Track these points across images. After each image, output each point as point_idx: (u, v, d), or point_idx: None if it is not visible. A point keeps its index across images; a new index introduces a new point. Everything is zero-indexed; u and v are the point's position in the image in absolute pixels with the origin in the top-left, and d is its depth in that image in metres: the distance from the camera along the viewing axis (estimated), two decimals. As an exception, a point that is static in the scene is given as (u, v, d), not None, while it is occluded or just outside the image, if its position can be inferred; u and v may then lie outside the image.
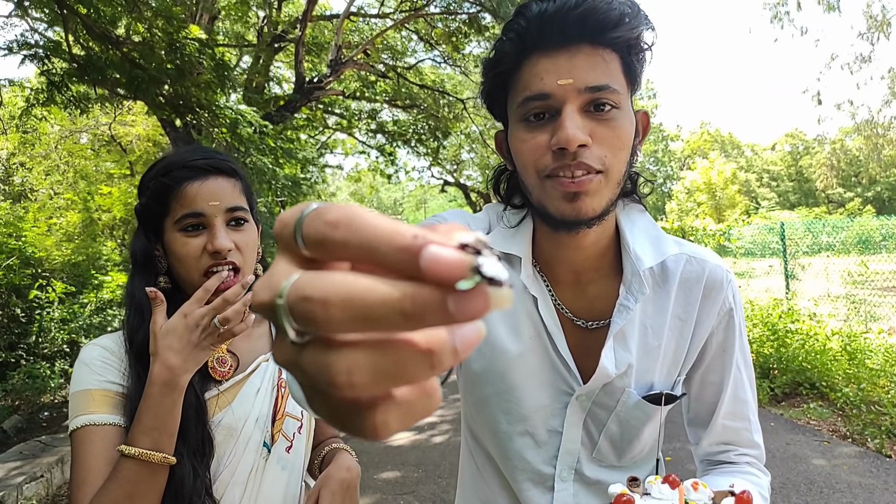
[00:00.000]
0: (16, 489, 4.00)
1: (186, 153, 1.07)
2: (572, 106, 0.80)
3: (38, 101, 7.95)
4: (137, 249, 1.08)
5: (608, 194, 0.84)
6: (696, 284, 0.95)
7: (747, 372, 1.00)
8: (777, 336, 6.61)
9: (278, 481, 1.11)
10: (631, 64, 0.84)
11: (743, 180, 44.33)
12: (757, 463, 1.03)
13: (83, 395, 0.99)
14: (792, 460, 4.51)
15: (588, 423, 0.97)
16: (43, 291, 7.45)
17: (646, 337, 0.94)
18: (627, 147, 0.84)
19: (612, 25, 0.79)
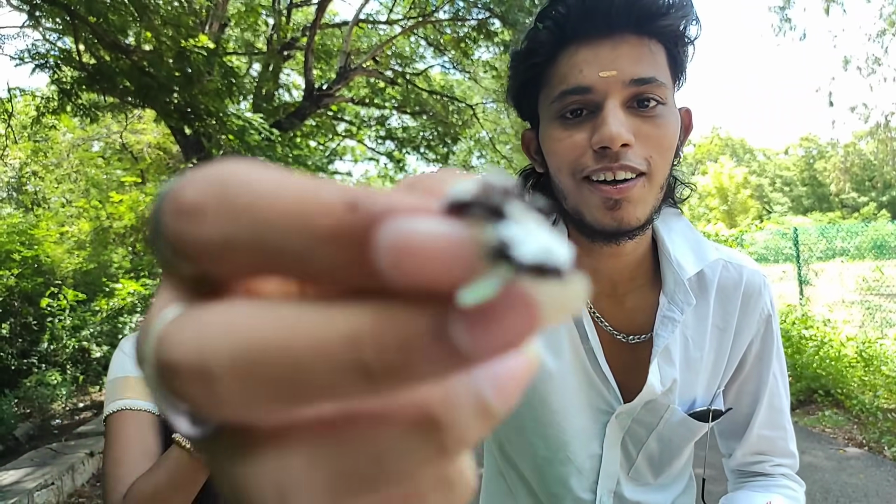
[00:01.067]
0: (27, 496, 4.00)
1: None
2: (615, 101, 0.73)
3: (48, 109, 8.03)
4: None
5: (652, 201, 0.77)
6: (734, 291, 0.90)
7: (783, 380, 0.96)
8: (791, 342, 6.53)
9: None
10: (677, 56, 0.79)
11: (755, 185, 44.03)
12: (792, 474, 0.99)
13: (121, 382, 1.05)
14: (807, 469, 4.43)
15: (626, 441, 0.92)
16: (54, 299, 7.49)
17: (688, 350, 0.88)
18: (672, 147, 0.77)
19: (660, 14, 0.74)
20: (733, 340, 0.90)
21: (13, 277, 7.53)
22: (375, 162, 19.88)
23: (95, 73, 6.58)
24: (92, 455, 4.88)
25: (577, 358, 0.89)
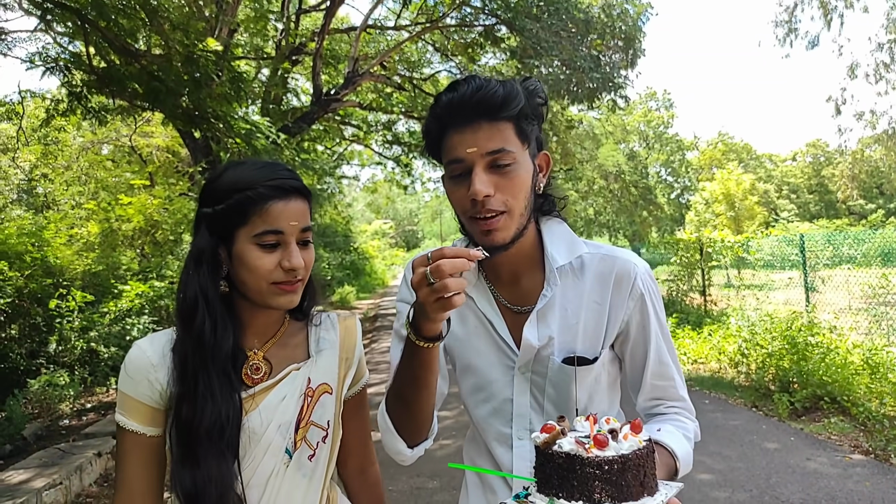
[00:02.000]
0: (35, 495, 4.04)
1: (268, 170, 1.14)
2: (479, 167, 1.08)
3: (58, 111, 8.10)
4: (206, 250, 1.13)
5: (514, 226, 1.13)
6: (608, 277, 1.21)
7: (667, 343, 1.25)
8: (797, 349, 6.51)
9: (298, 487, 1.17)
10: (522, 127, 1.12)
11: (762, 191, 43.86)
12: (684, 412, 1.27)
13: (121, 396, 1.13)
14: (812, 476, 4.43)
15: (534, 390, 1.23)
16: (63, 300, 7.54)
17: (565, 316, 1.21)
18: (525, 189, 1.12)
19: (498, 106, 1.08)
20: (609, 312, 1.21)
21: (22, 279, 7.58)
22: (382, 166, 19.90)
23: (105, 76, 6.65)
24: (100, 455, 4.92)
25: (482, 326, 1.26)
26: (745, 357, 7.36)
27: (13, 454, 5.54)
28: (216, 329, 1.10)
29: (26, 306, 7.69)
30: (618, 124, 42.93)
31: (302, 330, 1.28)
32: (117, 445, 1.13)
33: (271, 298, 1.12)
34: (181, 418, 1.07)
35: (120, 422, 1.11)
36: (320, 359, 1.25)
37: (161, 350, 1.13)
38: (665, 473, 1.11)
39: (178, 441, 1.07)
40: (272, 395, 1.16)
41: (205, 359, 1.08)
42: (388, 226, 56.20)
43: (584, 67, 11.74)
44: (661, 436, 1.16)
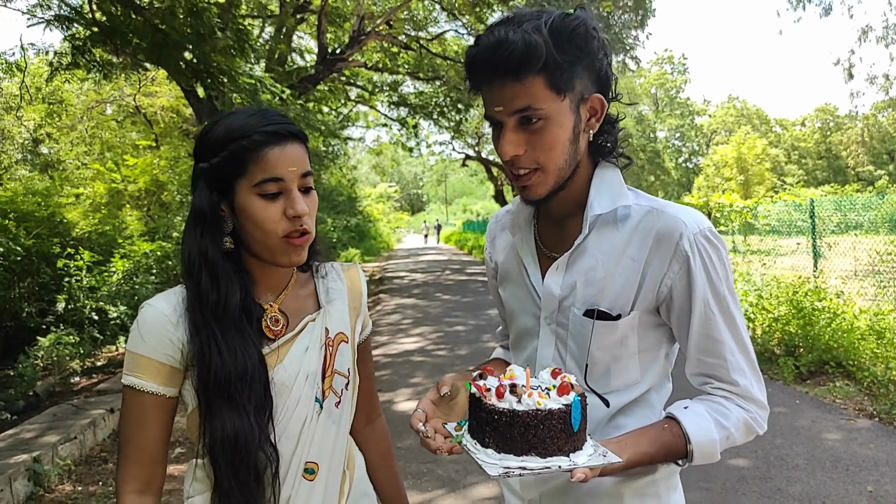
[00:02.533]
0: (51, 449, 4.11)
1: (260, 117, 1.09)
2: (507, 126, 1.05)
3: (61, 65, 8.00)
4: (206, 207, 1.09)
5: (551, 181, 1.08)
6: (649, 232, 1.11)
7: (724, 317, 1.11)
8: (803, 314, 6.52)
9: (329, 434, 1.18)
10: (555, 78, 1.02)
11: (772, 156, 43.46)
12: (735, 398, 1.12)
13: (132, 357, 1.08)
14: (817, 438, 4.47)
15: (558, 343, 1.18)
16: (71, 260, 7.57)
17: (595, 268, 1.13)
18: (560, 144, 1.05)
19: (516, 66, 1.00)
20: (644, 270, 1.10)
21: (30, 238, 7.60)
22: (388, 128, 19.73)
23: (108, 29, 6.55)
24: (112, 411, 4.99)
25: (520, 272, 1.24)
26: (751, 321, 7.37)
27: (26, 410, 5.63)
28: (219, 286, 1.07)
29: (35, 265, 7.73)
30: (628, 87, 42.35)
31: (309, 281, 1.26)
32: (126, 411, 1.08)
33: (280, 255, 1.10)
34: (201, 375, 1.06)
35: (134, 384, 1.06)
36: (332, 308, 1.24)
37: (176, 307, 1.10)
38: (661, 452, 1.06)
39: (203, 399, 1.06)
40: (295, 347, 1.16)
41: (211, 315, 1.06)
42: (394, 189, 56.05)
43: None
44: (682, 413, 1.09)
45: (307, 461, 1.15)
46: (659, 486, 1.16)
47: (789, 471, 3.95)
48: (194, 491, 1.12)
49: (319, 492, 1.16)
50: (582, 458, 0.93)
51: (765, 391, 1.14)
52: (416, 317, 10.48)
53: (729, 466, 4.05)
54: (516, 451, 0.91)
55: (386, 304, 12.51)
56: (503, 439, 0.92)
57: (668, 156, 48.92)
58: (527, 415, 0.91)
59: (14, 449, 4.05)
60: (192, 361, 1.07)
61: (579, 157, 1.11)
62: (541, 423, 0.91)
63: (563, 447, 0.93)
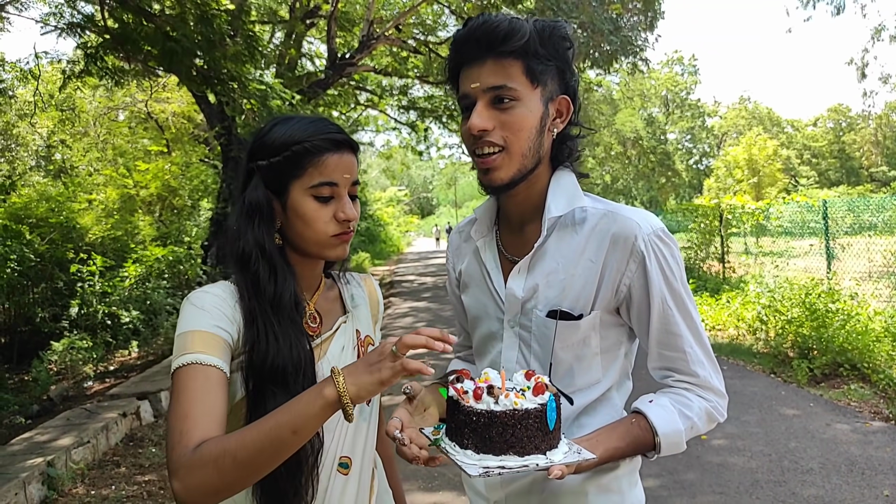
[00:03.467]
0: (64, 453, 4.14)
1: (320, 124, 1.15)
2: (481, 102, 1.10)
3: (74, 73, 8.09)
4: (261, 202, 1.13)
5: (514, 166, 1.11)
6: (605, 235, 1.14)
7: (681, 312, 1.15)
8: (817, 316, 6.46)
9: (361, 431, 1.22)
10: (532, 67, 1.09)
11: (784, 157, 43.12)
12: (696, 388, 1.17)
13: (191, 336, 1.04)
14: (832, 441, 4.42)
15: (521, 345, 1.20)
16: (84, 265, 7.63)
17: (555, 270, 1.16)
18: (528, 128, 1.10)
19: (500, 40, 1.07)
20: (603, 271, 1.14)
21: (44, 243, 7.67)
22: (397, 132, 19.74)
23: (119, 37, 6.60)
24: (125, 416, 5.02)
25: (482, 279, 1.27)
26: (764, 324, 7.32)
27: (40, 414, 5.68)
28: (276, 277, 1.11)
29: (48, 270, 7.80)
30: (637, 89, 42.21)
31: (334, 286, 1.32)
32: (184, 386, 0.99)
33: (328, 250, 1.15)
34: (253, 363, 1.07)
35: (199, 360, 1.01)
36: (358, 313, 1.30)
37: (230, 294, 1.12)
38: (632, 446, 1.10)
39: (255, 385, 1.07)
40: (333, 345, 1.21)
41: (265, 305, 1.10)
42: (403, 193, 56.13)
43: (603, 30, 11.49)
44: (648, 407, 1.13)
45: (341, 455, 1.18)
46: (621, 482, 1.20)
47: (803, 474, 3.91)
48: None
49: (353, 487, 1.20)
50: (558, 455, 0.96)
51: (722, 381, 1.20)
52: (428, 320, 10.49)
53: (742, 470, 4.02)
54: (495, 451, 0.94)
55: (397, 307, 12.52)
56: (482, 440, 0.94)
57: (679, 157, 48.69)
58: (504, 415, 0.94)
59: (28, 452, 4.08)
60: (244, 348, 1.08)
61: (542, 152, 1.15)
62: (518, 423, 0.94)
63: (539, 446, 0.95)
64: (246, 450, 0.91)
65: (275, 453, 0.92)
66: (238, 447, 0.91)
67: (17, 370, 7.18)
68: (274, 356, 1.07)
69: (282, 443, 0.92)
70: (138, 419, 5.27)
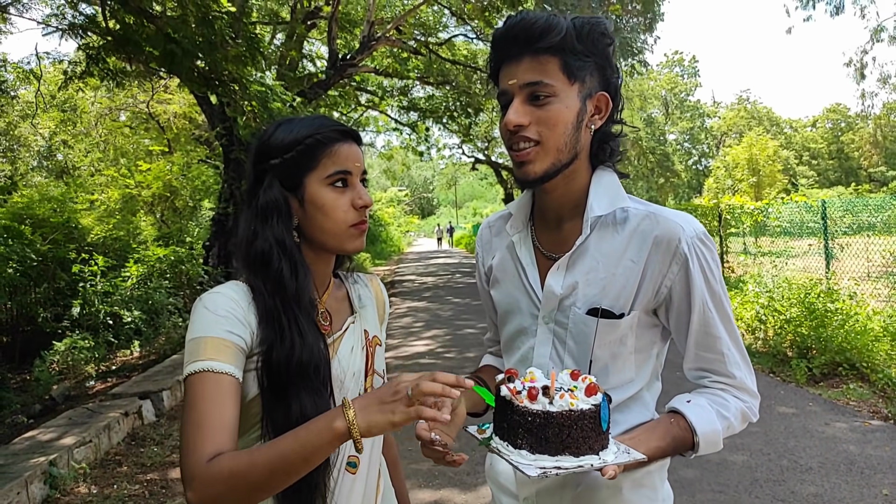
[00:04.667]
0: (67, 452, 4.16)
1: (325, 119, 1.20)
2: (517, 98, 1.12)
3: (75, 73, 8.11)
4: (279, 199, 1.15)
5: (549, 160, 1.12)
6: (648, 236, 1.15)
7: (720, 314, 1.17)
8: (815, 316, 6.48)
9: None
10: (569, 63, 1.10)
11: (783, 157, 43.13)
12: (732, 389, 1.20)
13: (203, 342, 1.04)
14: (831, 441, 4.45)
15: (555, 342, 1.21)
16: (86, 265, 7.65)
17: (596, 269, 1.17)
18: (563, 123, 1.11)
19: (536, 36, 1.08)
20: (644, 272, 1.15)
21: (46, 243, 7.69)
22: (398, 132, 19.78)
23: (121, 38, 6.62)
24: (126, 415, 5.05)
25: (517, 273, 1.28)
26: (763, 323, 7.34)
27: (42, 413, 5.70)
28: (297, 274, 1.13)
29: (50, 270, 7.83)
30: (637, 90, 42.25)
31: (341, 286, 1.33)
32: (199, 395, 1.01)
33: (348, 241, 1.17)
34: (272, 361, 1.07)
35: (212, 367, 1.01)
36: (365, 313, 1.31)
37: (243, 296, 1.12)
38: (672, 445, 1.12)
39: (270, 384, 1.08)
40: (344, 345, 1.22)
41: (288, 301, 1.11)
42: (404, 193, 56.13)
43: (604, 30, 11.52)
44: (687, 407, 1.15)
45: (350, 455, 1.20)
46: (654, 477, 1.23)
47: (802, 473, 3.94)
48: None
49: (360, 486, 1.22)
50: (610, 455, 0.98)
51: (755, 381, 1.22)
52: (427, 320, 10.51)
53: (742, 469, 4.04)
54: (550, 452, 0.95)
55: (398, 307, 12.54)
56: (537, 440, 0.95)
57: (679, 158, 48.73)
58: (560, 416, 0.95)
59: (30, 452, 4.10)
60: (260, 348, 1.08)
61: (579, 148, 1.16)
62: (574, 424, 0.95)
63: (593, 446, 0.96)
64: (257, 472, 0.93)
65: (286, 477, 0.95)
66: (249, 468, 0.93)
67: (19, 370, 7.20)
68: (300, 353, 1.08)
69: (293, 468, 0.94)
70: (140, 419, 5.29)
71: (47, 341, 7.06)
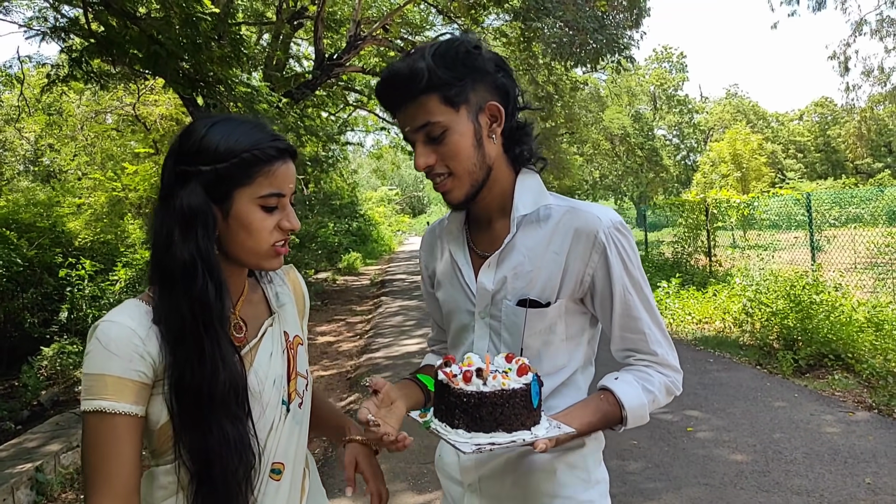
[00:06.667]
0: (53, 458, 4.15)
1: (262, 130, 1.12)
2: (418, 142, 1.20)
3: (59, 77, 8.06)
4: (202, 209, 1.06)
5: (466, 184, 1.21)
6: (569, 229, 1.23)
7: (640, 297, 1.25)
8: (801, 308, 6.54)
9: (293, 435, 1.21)
10: (446, 94, 1.16)
11: (769, 151, 43.32)
12: (655, 366, 1.27)
13: (97, 379, 1.01)
14: (816, 431, 4.50)
15: (492, 335, 1.29)
16: (73, 269, 7.61)
17: (522, 263, 1.24)
18: (464, 150, 1.19)
19: (405, 88, 1.16)
20: (567, 262, 1.23)
21: (32, 248, 7.65)
22: (387, 132, 19.77)
23: (104, 41, 6.58)
24: (115, 419, 5.02)
25: (453, 273, 1.35)
26: (750, 316, 7.40)
27: (30, 419, 5.67)
28: (221, 292, 1.06)
29: (37, 275, 7.77)
30: (625, 86, 42.35)
31: (257, 287, 1.27)
32: (93, 439, 1.01)
33: (266, 261, 1.14)
34: (184, 387, 1.03)
35: (104, 408, 0.99)
36: (284, 313, 1.27)
37: (141, 321, 1.05)
38: (602, 419, 1.20)
39: (183, 411, 1.04)
40: (261, 353, 1.17)
41: (211, 323, 1.04)
42: (394, 192, 56.06)
43: (588, 28, 11.55)
44: (614, 384, 1.23)
45: (274, 462, 1.17)
46: (588, 460, 1.29)
47: (788, 464, 3.98)
48: (159, 498, 1.10)
49: (285, 490, 1.19)
50: (541, 430, 1.04)
51: (677, 358, 1.30)
52: (418, 318, 10.51)
53: (728, 461, 4.08)
54: (485, 429, 1.01)
55: (388, 306, 12.54)
56: (472, 419, 1.01)
57: (667, 153, 48.90)
58: (493, 395, 1.01)
59: (17, 458, 4.08)
60: (169, 376, 1.04)
61: (490, 160, 1.24)
62: (506, 402, 1.01)
63: (525, 423, 1.03)
64: None
65: None
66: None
67: (7, 376, 7.15)
68: (219, 379, 1.04)
69: None
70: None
71: (35, 347, 7.01)
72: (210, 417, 1.03)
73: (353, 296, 15.09)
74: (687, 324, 8.56)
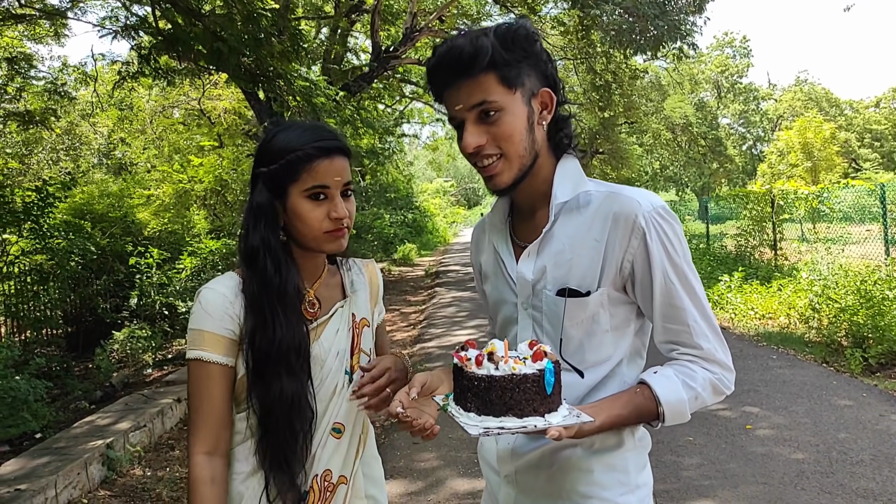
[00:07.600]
0: (122, 436, 4.37)
1: (312, 132, 1.31)
2: (468, 121, 1.18)
3: (129, 73, 8.42)
4: (264, 204, 1.30)
5: (515, 168, 1.20)
6: (608, 215, 1.20)
7: (683, 286, 1.20)
8: (873, 304, 6.25)
9: (353, 404, 1.39)
10: (505, 74, 1.15)
11: (842, 140, 41.29)
12: (700, 361, 1.20)
13: (197, 334, 1.27)
14: (885, 433, 4.30)
15: (534, 326, 1.27)
16: (142, 258, 7.96)
17: (562, 251, 1.23)
18: (517, 132, 1.17)
19: (467, 64, 1.14)
20: (606, 249, 1.20)
21: (105, 237, 8.03)
22: (443, 123, 19.83)
23: (171, 38, 6.84)
24: (179, 401, 5.25)
25: (498, 265, 1.35)
26: (817, 312, 7.11)
27: (103, 399, 5.98)
28: (280, 271, 1.28)
29: (109, 263, 8.17)
30: (687, 74, 41.10)
31: (336, 274, 1.48)
32: (194, 383, 1.27)
33: (325, 244, 1.31)
34: (255, 346, 1.26)
35: (201, 357, 1.25)
36: (356, 297, 1.47)
37: (232, 289, 1.30)
38: (634, 414, 1.16)
39: (254, 366, 1.26)
40: (329, 328, 1.39)
41: (272, 295, 1.27)
42: (449, 184, 56.18)
43: (648, 14, 11.27)
44: (652, 378, 1.18)
45: (335, 421, 1.37)
46: (628, 462, 1.23)
47: (853, 466, 3.83)
48: (236, 442, 1.32)
49: (343, 448, 1.39)
50: (556, 418, 1.02)
51: (729, 354, 1.22)
52: (471, 310, 10.54)
53: (788, 461, 3.95)
54: (495, 413, 1.02)
55: (442, 297, 12.62)
56: (483, 403, 1.03)
57: (732, 143, 47.28)
58: (503, 379, 1.02)
59: (90, 435, 4.33)
60: (247, 336, 1.27)
61: (538, 146, 1.23)
62: (516, 387, 1.01)
63: (538, 409, 1.02)
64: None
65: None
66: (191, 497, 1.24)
67: (82, 358, 7.56)
68: (278, 341, 1.25)
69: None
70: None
71: (107, 331, 7.39)
72: (272, 373, 1.26)
73: (407, 286, 15.23)
74: (749, 319, 8.29)
